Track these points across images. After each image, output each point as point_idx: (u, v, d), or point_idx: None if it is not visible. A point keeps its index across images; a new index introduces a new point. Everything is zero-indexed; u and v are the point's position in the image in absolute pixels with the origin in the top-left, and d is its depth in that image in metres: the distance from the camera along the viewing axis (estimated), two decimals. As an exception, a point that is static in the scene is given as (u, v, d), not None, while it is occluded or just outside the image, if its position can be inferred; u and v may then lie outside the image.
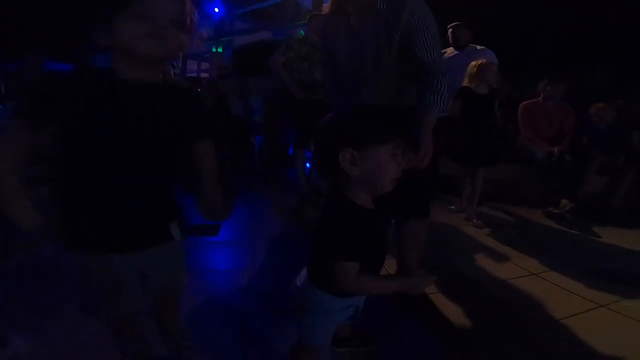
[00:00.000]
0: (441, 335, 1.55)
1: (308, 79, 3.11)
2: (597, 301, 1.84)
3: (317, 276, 1.00)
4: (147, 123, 0.83)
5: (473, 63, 2.92)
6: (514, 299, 1.85)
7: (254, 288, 1.87)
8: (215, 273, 2.03)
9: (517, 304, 1.79)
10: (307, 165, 3.45)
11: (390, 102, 1.51)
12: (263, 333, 1.50)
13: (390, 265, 1.81)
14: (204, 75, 11.15)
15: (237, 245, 2.43)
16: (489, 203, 3.46)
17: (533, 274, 2.13)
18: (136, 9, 0.77)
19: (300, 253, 1.06)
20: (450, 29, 3.52)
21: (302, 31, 3.69)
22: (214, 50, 9.91)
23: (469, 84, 2.90)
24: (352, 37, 1.48)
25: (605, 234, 2.86)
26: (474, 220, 2.93)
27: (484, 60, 2.90)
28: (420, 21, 1.33)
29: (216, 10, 9.43)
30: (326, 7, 1.57)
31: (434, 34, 1.36)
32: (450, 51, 3.55)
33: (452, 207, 3.25)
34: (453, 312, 1.71)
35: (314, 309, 1.04)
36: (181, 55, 0.90)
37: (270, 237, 2.54)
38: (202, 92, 4.30)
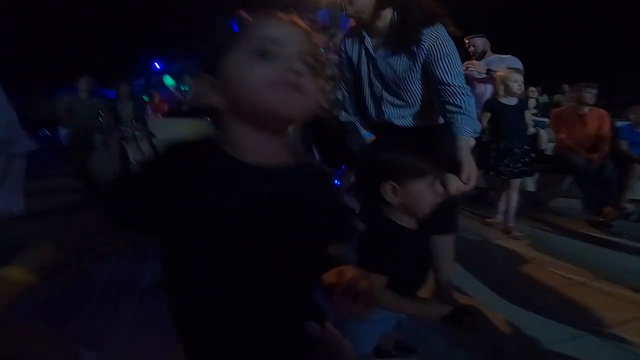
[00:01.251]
0: (485, 348, 1.51)
1: (330, 98, 3.16)
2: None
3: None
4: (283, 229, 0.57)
5: (497, 73, 2.92)
6: (563, 308, 1.77)
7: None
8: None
9: (567, 314, 1.71)
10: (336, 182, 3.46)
11: (415, 123, 1.52)
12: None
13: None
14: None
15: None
16: (526, 214, 3.34)
17: (581, 283, 2.03)
18: (253, 43, 0.53)
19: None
20: (467, 41, 3.53)
21: (321, 48, 3.76)
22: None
23: (495, 96, 2.89)
24: (372, 60, 1.50)
25: (655, 240, 2.69)
26: (513, 232, 2.83)
27: (504, 71, 2.88)
28: (442, 48, 1.36)
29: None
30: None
31: (456, 59, 1.38)
32: (475, 64, 3.55)
33: (489, 221, 3.16)
34: (497, 324, 1.66)
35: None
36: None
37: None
38: None
